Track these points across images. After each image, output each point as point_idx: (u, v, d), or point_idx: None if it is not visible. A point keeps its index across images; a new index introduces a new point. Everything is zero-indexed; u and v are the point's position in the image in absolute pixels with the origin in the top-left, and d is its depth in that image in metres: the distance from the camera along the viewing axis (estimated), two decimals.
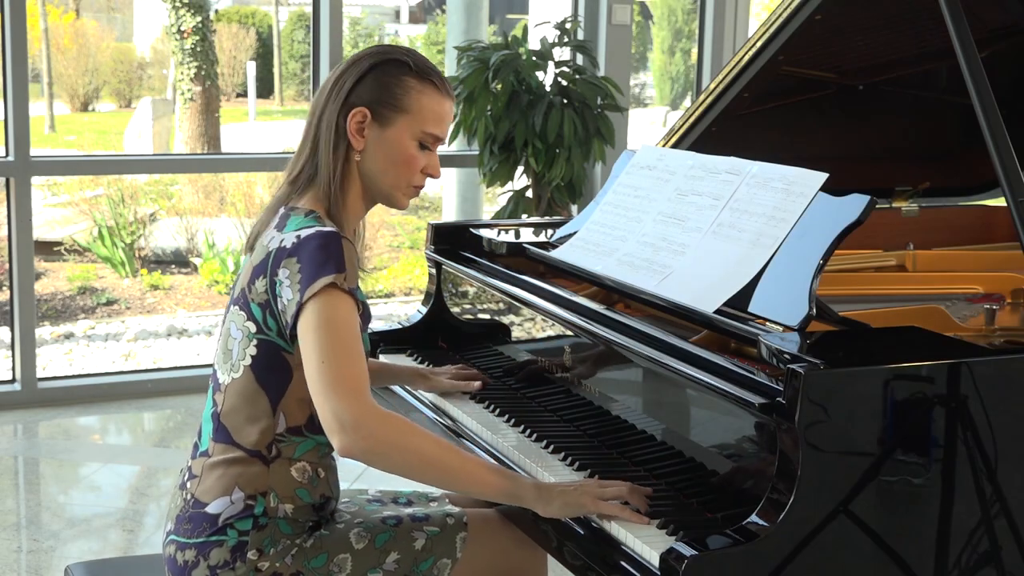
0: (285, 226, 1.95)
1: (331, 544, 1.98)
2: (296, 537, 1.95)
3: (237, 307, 1.98)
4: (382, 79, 2.00)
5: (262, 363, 1.94)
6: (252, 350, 1.94)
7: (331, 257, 1.86)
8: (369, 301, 2.03)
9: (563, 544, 1.90)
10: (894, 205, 3.06)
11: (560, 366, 2.33)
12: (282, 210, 2.01)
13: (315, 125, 2.02)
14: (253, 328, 1.94)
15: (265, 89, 15.74)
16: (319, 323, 1.84)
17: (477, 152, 5.26)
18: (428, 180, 2.08)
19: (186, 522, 1.96)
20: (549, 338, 2.41)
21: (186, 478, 2.01)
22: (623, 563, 1.77)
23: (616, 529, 1.83)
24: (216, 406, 2.00)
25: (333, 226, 1.94)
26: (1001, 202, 2.64)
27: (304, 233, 1.90)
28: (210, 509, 1.94)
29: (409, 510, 2.10)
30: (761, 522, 1.67)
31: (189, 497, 1.98)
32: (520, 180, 5.34)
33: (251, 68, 14.97)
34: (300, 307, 1.85)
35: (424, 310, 2.86)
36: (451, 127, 2.05)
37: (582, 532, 1.88)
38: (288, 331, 1.90)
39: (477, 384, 2.45)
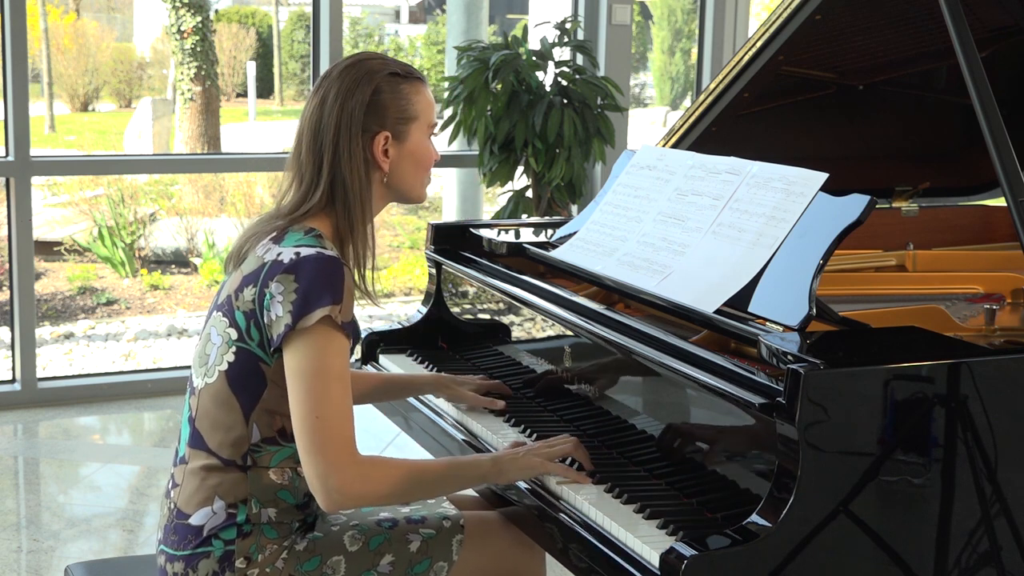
0: (283, 239, 1.94)
1: (324, 547, 1.97)
2: (284, 540, 1.95)
3: (220, 313, 1.97)
4: (386, 99, 2.01)
5: (238, 371, 1.93)
6: (230, 356, 1.93)
7: (330, 285, 1.86)
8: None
9: (568, 546, 1.90)
10: (894, 205, 3.06)
11: (560, 366, 2.33)
12: (278, 222, 1.99)
13: (329, 162, 1.98)
14: (234, 335, 1.93)
15: (265, 89, 15.73)
16: (312, 369, 1.84)
17: (477, 152, 5.25)
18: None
19: (172, 533, 1.96)
20: (549, 338, 2.40)
21: (170, 486, 2.02)
22: (624, 564, 1.78)
23: (616, 529, 1.83)
24: (191, 410, 2.00)
25: (335, 249, 1.93)
26: (1001, 202, 2.64)
27: (305, 252, 1.89)
28: (193, 520, 1.94)
29: (406, 511, 2.10)
30: (761, 522, 1.67)
31: (173, 507, 1.98)
32: (520, 180, 5.34)
33: (251, 68, 14.96)
34: (289, 330, 1.85)
35: (424, 310, 2.86)
36: None
37: (585, 534, 1.87)
38: (271, 347, 1.89)
39: (501, 404, 2.37)
